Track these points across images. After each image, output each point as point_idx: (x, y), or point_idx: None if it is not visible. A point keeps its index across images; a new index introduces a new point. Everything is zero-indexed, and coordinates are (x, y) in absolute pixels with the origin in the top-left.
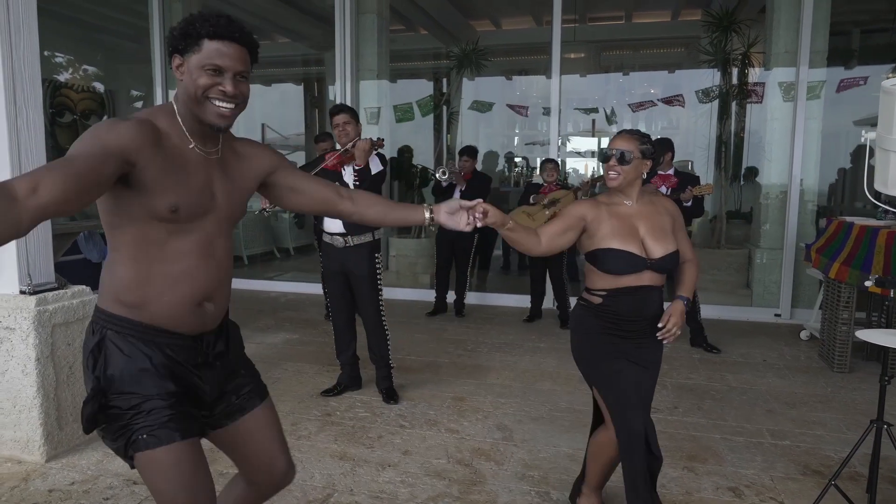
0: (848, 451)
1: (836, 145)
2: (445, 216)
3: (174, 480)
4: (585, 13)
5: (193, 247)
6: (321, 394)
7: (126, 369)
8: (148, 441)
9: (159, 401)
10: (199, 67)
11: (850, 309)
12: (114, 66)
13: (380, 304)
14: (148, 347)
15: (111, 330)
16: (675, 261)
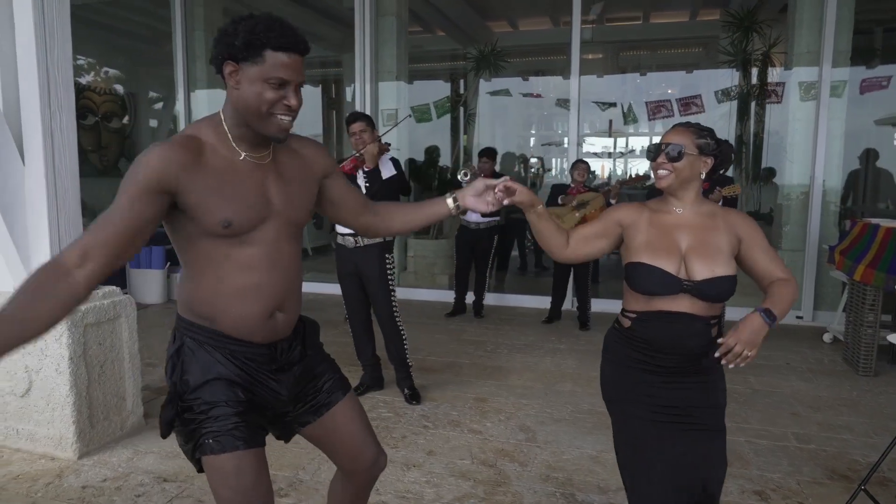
0: (875, 456)
1: (857, 145)
2: (472, 199)
3: (233, 487)
4: (603, 14)
5: (257, 258)
6: None
7: (200, 376)
8: (213, 446)
9: (228, 408)
10: (261, 80)
11: (875, 311)
12: (135, 68)
13: (393, 305)
14: (223, 356)
15: (189, 337)
16: (724, 287)
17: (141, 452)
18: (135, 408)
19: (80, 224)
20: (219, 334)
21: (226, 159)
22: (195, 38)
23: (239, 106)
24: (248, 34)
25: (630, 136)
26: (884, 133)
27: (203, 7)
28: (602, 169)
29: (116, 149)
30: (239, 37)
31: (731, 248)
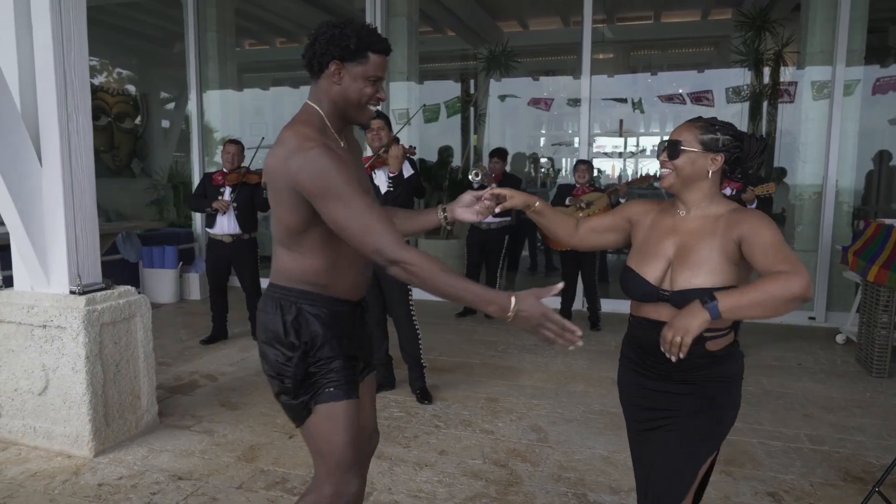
0: (889, 458)
1: (871, 145)
2: (461, 211)
3: (346, 432)
4: (614, 13)
5: None
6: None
7: (322, 334)
8: (334, 394)
9: (344, 361)
10: (363, 78)
11: (889, 312)
12: (147, 69)
13: (410, 305)
14: (333, 317)
15: (305, 304)
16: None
17: (156, 451)
18: (149, 406)
19: (96, 224)
20: (329, 299)
21: (335, 151)
22: (207, 38)
23: (339, 99)
24: (358, 39)
25: (641, 135)
26: None
27: (216, 8)
28: (613, 169)
29: (128, 149)
30: (351, 41)
31: (728, 255)
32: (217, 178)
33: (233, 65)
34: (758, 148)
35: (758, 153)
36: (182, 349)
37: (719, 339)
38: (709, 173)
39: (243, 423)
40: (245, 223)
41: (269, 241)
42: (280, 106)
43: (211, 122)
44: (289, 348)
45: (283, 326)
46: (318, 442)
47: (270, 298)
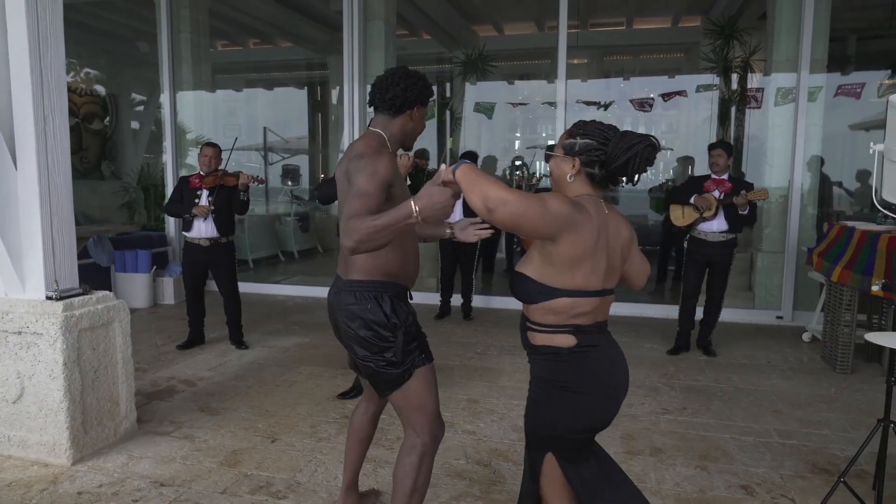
0: (853, 450)
1: (833, 149)
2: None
3: (432, 389)
4: (588, 19)
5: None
6: (338, 397)
7: (408, 317)
8: (426, 359)
9: (422, 334)
10: (422, 118)
11: (852, 311)
12: (116, 70)
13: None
14: (405, 300)
15: (389, 294)
16: (514, 284)
17: (136, 457)
18: (128, 413)
19: (73, 229)
20: (400, 286)
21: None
22: (181, 39)
23: (408, 131)
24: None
25: None
26: (858, 137)
27: (189, 9)
28: None
29: (97, 150)
30: (429, 91)
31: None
32: (194, 182)
33: (206, 66)
34: (623, 147)
35: (623, 153)
36: (158, 355)
37: (535, 333)
38: (568, 177)
39: (224, 429)
40: (222, 226)
41: (246, 244)
42: (253, 107)
43: (184, 124)
44: (391, 329)
45: (383, 313)
46: (418, 399)
47: (360, 292)
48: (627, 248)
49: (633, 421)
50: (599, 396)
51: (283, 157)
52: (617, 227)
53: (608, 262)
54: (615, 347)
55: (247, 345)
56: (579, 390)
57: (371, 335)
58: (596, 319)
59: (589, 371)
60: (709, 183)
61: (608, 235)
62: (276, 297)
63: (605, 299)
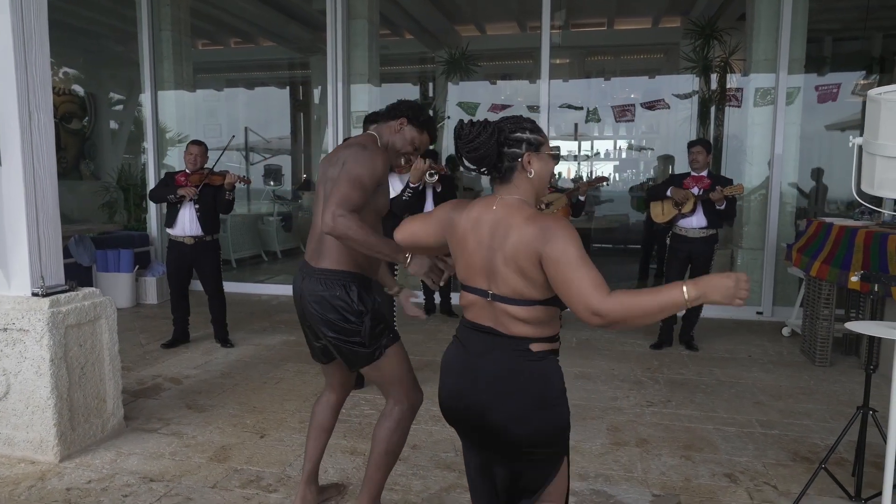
0: (833, 439)
1: (810, 149)
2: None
3: (407, 361)
4: (569, 20)
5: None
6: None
7: (374, 303)
8: (394, 338)
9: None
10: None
11: (830, 305)
12: (95, 69)
13: (394, 307)
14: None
15: (356, 283)
16: None
17: (124, 454)
18: (115, 409)
19: (58, 225)
20: (366, 277)
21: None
22: (162, 38)
23: (392, 141)
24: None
25: (595, 139)
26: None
27: (170, 7)
28: (568, 171)
29: (76, 150)
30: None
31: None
32: (179, 179)
33: (188, 65)
34: (456, 138)
35: (458, 143)
36: (143, 353)
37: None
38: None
39: (212, 425)
40: (207, 225)
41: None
42: (234, 107)
43: (164, 123)
44: (359, 315)
45: (351, 300)
46: (392, 373)
47: (329, 280)
48: (523, 258)
49: (618, 413)
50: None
51: (265, 157)
52: (506, 230)
53: (487, 263)
54: (467, 350)
55: (232, 343)
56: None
57: (339, 318)
58: (477, 319)
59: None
60: (688, 180)
61: (485, 234)
62: (259, 297)
63: (490, 303)
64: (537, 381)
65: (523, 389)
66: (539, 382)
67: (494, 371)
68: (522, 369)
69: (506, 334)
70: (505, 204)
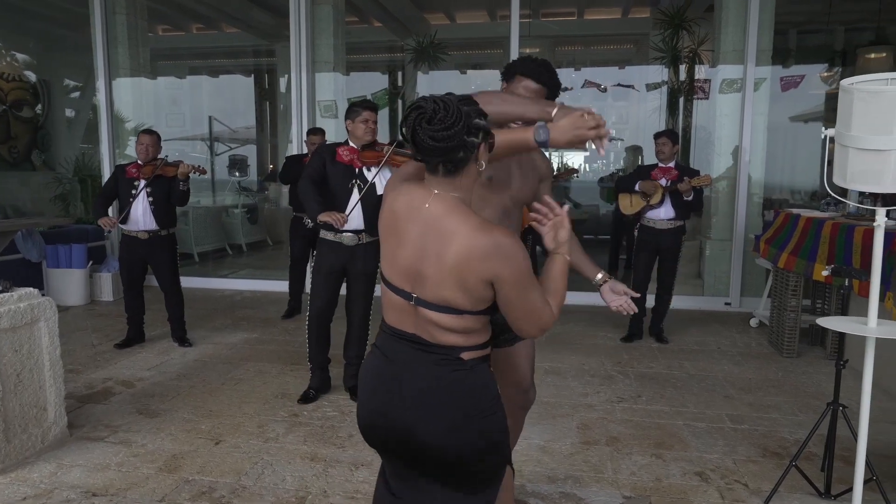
0: (801, 433)
1: (775, 140)
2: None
3: None
4: (539, 9)
5: None
6: (298, 402)
7: None
8: None
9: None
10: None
11: (797, 297)
12: (49, 54)
13: (371, 302)
14: None
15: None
16: None
17: (66, 466)
18: (57, 418)
19: None
20: None
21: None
22: (116, 21)
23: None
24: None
25: None
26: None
27: None
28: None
29: (28, 140)
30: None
31: None
32: (131, 171)
33: (145, 50)
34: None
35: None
36: (94, 354)
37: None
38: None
39: (164, 432)
40: (162, 218)
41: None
42: (198, 95)
43: (122, 112)
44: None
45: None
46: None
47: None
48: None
49: (588, 410)
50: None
51: (231, 147)
52: (445, 236)
53: (412, 264)
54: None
55: (190, 342)
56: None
57: None
58: (400, 325)
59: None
60: (656, 171)
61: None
62: (222, 292)
63: (414, 308)
64: (470, 393)
65: (455, 403)
66: (472, 394)
67: (421, 385)
68: (452, 380)
69: (432, 343)
70: (441, 201)
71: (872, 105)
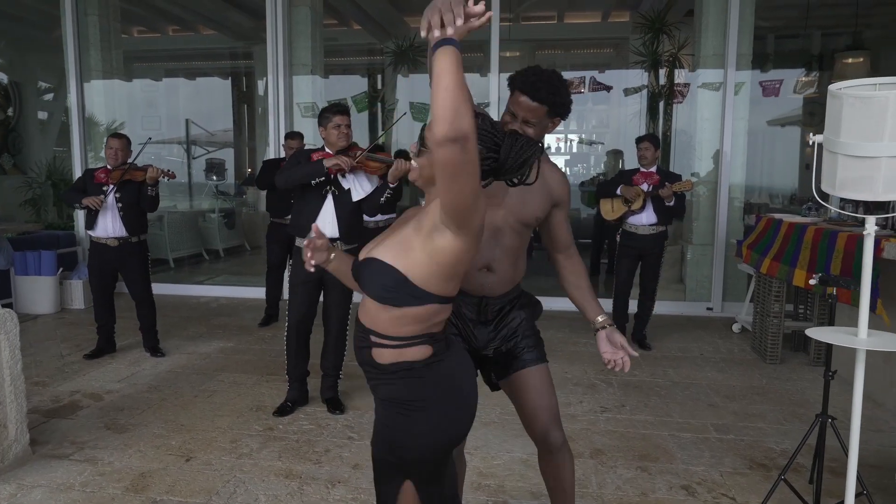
0: (788, 443)
1: (754, 143)
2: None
3: None
4: (519, 13)
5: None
6: (273, 414)
7: None
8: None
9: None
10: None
11: (780, 302)
12: (20, 55)
13: (349, 311)
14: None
15: None
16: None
17: (26, 487)
18: (18, 436)
19: None
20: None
21: None
22: (88, 22)
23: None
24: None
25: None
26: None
27: None
28: None
29: None
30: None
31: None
32: (99, 176)
33: (118, 52)
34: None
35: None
36: (62, 366)
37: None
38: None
39: (132, 448)
40: (131, 225)
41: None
42: (174, 98)
43: (95, 115)
44: None
45: None
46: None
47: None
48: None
49: (572, 421)
50: (460, 405)
51: (208, 150)
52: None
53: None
54: (459, 348)
55: (163, 352)
56: (440, 403)
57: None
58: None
59: (445, 381)
60: (637, 176)
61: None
62: (198, 299)
63: None
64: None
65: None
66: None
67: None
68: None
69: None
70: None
71: (862, 111)
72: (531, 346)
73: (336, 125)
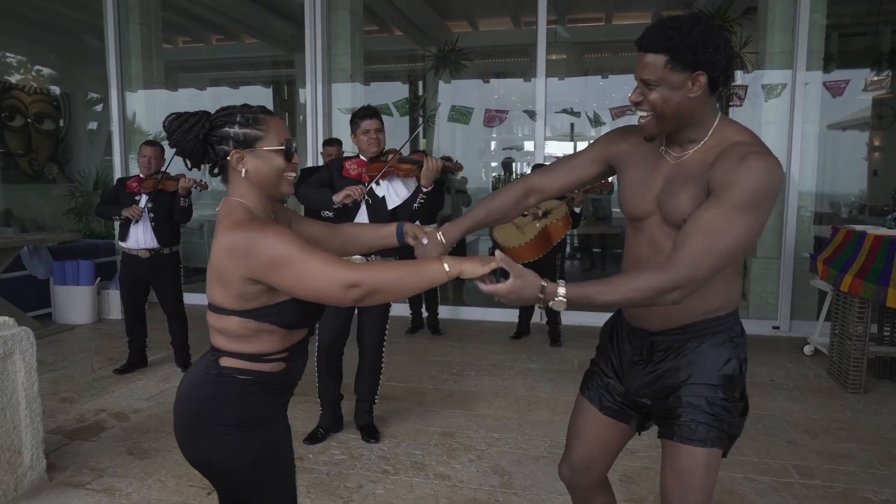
0: (886, 491)
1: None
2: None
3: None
4: (565, 14)
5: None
6: (304, 441)
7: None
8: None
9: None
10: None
11: (864, 323)
12: (70, 67)
13: (385, 331)
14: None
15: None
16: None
17: None
18: (34, 462)
19: None
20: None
21: None
22: (129, 31)
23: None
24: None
25: (591, 140)
26: (839, 137)
27: None
28: None
29: (48, 153)
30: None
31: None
32: (132, 185)
33: (159, 62)
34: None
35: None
36: (92, 381)
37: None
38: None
39: (153, 477)
40: (163, 236)
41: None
42: (218, 106)
43: (139, 124)
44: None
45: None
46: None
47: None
48: (225, 268)
49: (631, 458)
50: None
51: None
52: (216, 235)
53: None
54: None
55: None
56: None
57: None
58: None
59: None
60: None
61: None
62: None
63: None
64: (208, 399)
65: (190, 399)
66: (209, 401)
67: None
68: (198, 377)
69: (211, 345)
70: (224, 205)
71: None
72: (697, 415)
73: (365, 131)
